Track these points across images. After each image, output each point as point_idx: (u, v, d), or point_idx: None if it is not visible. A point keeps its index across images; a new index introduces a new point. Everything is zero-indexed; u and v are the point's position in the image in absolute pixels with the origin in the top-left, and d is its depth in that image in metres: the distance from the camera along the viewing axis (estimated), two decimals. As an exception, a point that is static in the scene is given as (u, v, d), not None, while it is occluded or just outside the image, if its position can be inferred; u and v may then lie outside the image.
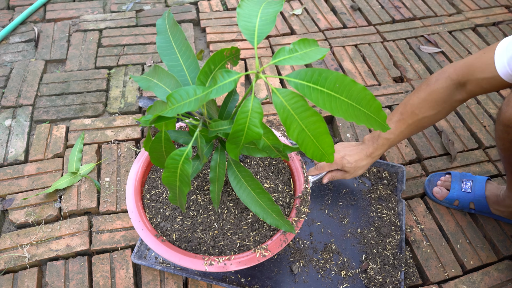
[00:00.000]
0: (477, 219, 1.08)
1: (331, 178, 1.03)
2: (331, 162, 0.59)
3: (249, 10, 0.58)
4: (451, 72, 0.87)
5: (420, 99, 0.91)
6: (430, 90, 0.89)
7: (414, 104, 0.91)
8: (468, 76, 0.84)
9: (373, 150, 0.98)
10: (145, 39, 1.56)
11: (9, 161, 1.14)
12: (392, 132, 0.95)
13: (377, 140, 0.97)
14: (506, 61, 0.76)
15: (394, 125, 0.95)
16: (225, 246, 0.79)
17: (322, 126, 0.55)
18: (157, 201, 0.85)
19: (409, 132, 0.95)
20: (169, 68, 0.68)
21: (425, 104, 0.90)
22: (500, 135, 0.85)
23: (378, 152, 0.98)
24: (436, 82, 0.89)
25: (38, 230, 1.00)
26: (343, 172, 1.01)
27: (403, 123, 0.93)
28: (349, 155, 0.99)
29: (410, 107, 0.92)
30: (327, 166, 1.01)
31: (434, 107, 0.89)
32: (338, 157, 0.99)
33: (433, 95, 0.89)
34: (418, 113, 0.91)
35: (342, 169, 1.00)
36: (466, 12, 1.76)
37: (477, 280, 0.97)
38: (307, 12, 1.74)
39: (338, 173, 1.02)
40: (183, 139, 0.75)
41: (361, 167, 0.99)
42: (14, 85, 1.35)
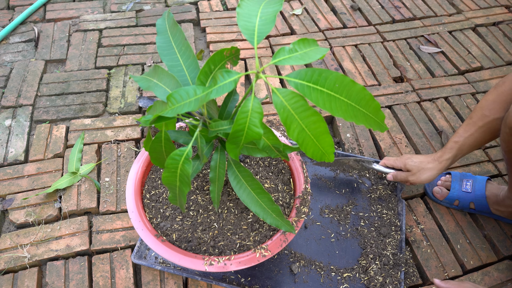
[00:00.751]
0: (477, 219, 1.08)
1: (394, 178, 1.02)
2: (331, 161, 0.59)
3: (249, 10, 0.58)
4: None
5: (489, 101, 0.90)
6: (498, 91, 0.88)
7: (483, 106, 0.90)
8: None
9: (441, 154, 0.96)
10: (145, 39, 1.56)
11: (9, 161, 1.14)
12: (460, 135, 0.94)
13: (446, 145, 0.96)
14: None
15: (463, 128, 0.93)
16: (225, 246, 0.79)
17: (322, 126, 0.55)
18: (157, 201, 0.85)
19: (481, 137, 0.93)
20: (169, 68, 0.68)
21: (494, 105, 0.89)
22: (505, 137, 0.85)
23: (447, 156, 0.95)
24: (504, 84, 0.88)
25: (38, 230, 1.00)
26: (407, 172, 0.99)
27: (473, 125, 0.92)
28: (415, 157, 0.99)
29: (479, 109, 0.91)
30: (392, 160, 1.01)
31: (505, 107, 0.88)
32: (404, 157, 1.00)
33: (502, 96, 0.88)
34: (489, 115, 0.89)
35: (404, 168, 0.98)
36: (466, 12, 1.76)
37: (477, 280, 0.96)
38: (307, 12, 1.74)
39: (402, 173, 1.00)
40: (183, 139, 0.75)
41: (426, 169, 0.96)
42: (14, 85, 1.35)
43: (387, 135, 1.26)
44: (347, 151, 1.21)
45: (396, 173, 1.02)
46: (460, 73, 1.50)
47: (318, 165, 1.14)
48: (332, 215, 1.05)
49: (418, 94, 1.40)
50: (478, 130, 0.92)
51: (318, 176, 1.13)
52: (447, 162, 0.96)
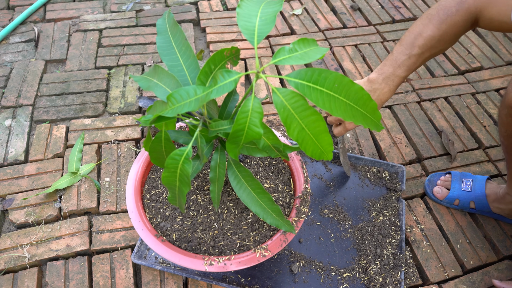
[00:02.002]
0: (477, 219, 1.08)
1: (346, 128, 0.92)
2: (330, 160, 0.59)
3: (249, 10, 0.58)
4: (471, 3, 0.79)
5: (441, 30, 0.81)
6: (451, 21, 0.81)
7: (435, 36, 0.82)
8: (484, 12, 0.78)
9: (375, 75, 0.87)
10: (145, 39, 1.56)
11: (9, 161, 1.14)
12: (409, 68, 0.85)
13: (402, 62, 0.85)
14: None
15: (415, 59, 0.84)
16: (225, 246, 0.79)
17: (321, 125, 0.55)
18: (157, 201, 0.85)
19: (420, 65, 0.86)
20: (169, 68, 0.68)
21: (445, 37, 0.81)
22: (504, 119, 0.82)
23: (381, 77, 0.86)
24: (457, 13, 0.80)
25: (38, 230, 1.00)
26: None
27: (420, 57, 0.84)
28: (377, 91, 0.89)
29: (429, 40, 0.82)
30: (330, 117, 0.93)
31: (452, 40, 0.82)
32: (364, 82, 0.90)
33: (454, 28, 0.81)
34: (437, 46, 0.83)
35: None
36: (466, 12, 1.76)
37: (477, 280, 0.97)
38: (307, 12, 1.74)
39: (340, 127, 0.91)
40: (183, 139, 0.75)
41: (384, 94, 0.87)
42: (14, 85, 1.35)
43: (387, 135, 1.26)
44: (347, 151, 1.21)
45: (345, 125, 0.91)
46: (460, 73, 1.50)
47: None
48: (332, 215, 1.05)
49: (418, 94, 1.40)
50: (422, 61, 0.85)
51: (318, 176, 1.13)
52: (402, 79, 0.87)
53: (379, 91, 0.88)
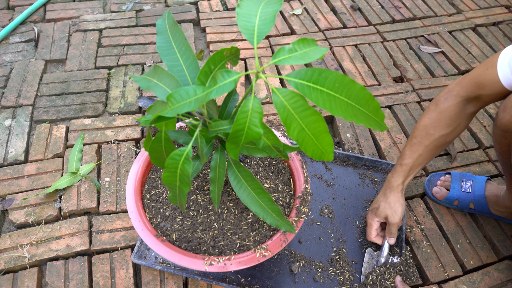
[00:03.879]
0: (477, 219, 1.08)
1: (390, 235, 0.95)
2: (330, 160, 0.59)
3: (249, 10, 0.58)
4: (459, 90, 0.87)
5: (432, 119, 0.89)
6: (440, 109, 0.88)
7: (427, 125, 0.90)
8: (478, 92, 0.84)
9: (392, 180, 0.95)
10: (145, 39, 1.56)
11: (9, 161, 1.14)
12: (408, 156, 0.92)
13: (395, 169, 0.95)
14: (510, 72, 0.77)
15: (409, 149, 0.92)
16: (225, 246, 0.79)
17: (322, 125, 0.55)
18: (157, 201, 0.85)
19: (428, 154, 0.92)
20: (169, 68, 0.68)
21: (438, 123, 0.88)
22: (498, 139, 0.85)
23: (399, 181, 0.94)
24: (446, 101, 0.88)
25: (38, 230, 1.00)
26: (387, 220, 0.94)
27: (419, 145, 0.91)
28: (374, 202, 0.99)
29: (423, 129, 0.90)
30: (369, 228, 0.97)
31: (449, 124, 0.88)
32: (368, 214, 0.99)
33: (445, 113, 0.88)
34: (434, 133, 0.89)
35: (381, 218, 0.95)
36: (466, 12, 1.76)
37: (477, 280, 0.96)
38: (307, 12, 1.74)
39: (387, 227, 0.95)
40: (183, 139, 0.75)
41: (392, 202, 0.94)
42: (14, 85, 1.35)
43: (387, 135, 1.26)
44: (347, 151, 1.21)
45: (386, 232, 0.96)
46: (460, 73, 1.50)
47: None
48: (332, 215, 1.05)
49: (418, 94, 1.40)
50: (425, 148, 0.91)
51: (318, 176, 1.13)
52: (402, 186, 0.95)
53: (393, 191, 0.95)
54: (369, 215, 0.98)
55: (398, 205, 0.94)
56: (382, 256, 0.95)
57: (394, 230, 0.94)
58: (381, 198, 0.97)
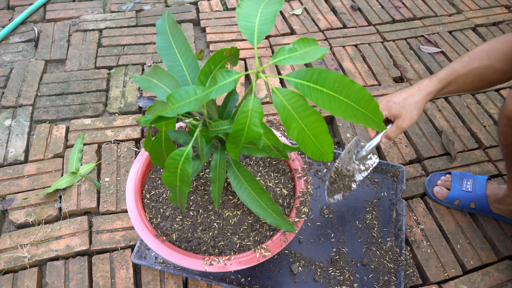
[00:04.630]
0: (477, 219, 1.08)
1: (388, 137, 0.87)
2: (330, 161, 0.59)
3: (249, 10, 0.58)
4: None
5: (491, 46, 0.81)
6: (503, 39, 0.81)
7: (484, 49, 0.82)
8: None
9: (427, 82, 0.84)
10: (145, 39, 1.56)
11: (9, 161, 1.14)
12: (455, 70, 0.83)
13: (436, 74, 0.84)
14: None
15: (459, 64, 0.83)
16: (225, 246, 0.79)
17: (321, 125, 0.55)
18: (157, 201, 0.85)
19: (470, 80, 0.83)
20: (169, 68, 0.68)
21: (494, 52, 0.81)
22: (503, 129, 0.82)
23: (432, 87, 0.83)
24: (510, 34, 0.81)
25: (38, 230, 1.00)
26: (396, 120, 0.84)
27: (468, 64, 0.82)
28: (395, 96, 0.85)
29: (478, 51, 0.82)
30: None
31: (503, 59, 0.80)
32: (383, 102, 0.86)
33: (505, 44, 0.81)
34: (486, 59, 0.81)
35: (391, 116, 0.84)
36: (466, 12, 1.76)
37: (477, 280, 0.96)
38: (307, 12, 1.74)
39: (392, 128, 0.85)
40: (183, 139, 0.75)
41: (413, 105, 0.82)
42: (14, 85, 1.35)
43: (387, 135, 1.26)
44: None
45: (387, 132, 0.87)
46: (460, 73, 1.50)
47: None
48: (332, 215, 1.05)
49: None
50: (470, 72, 0.83)
51: (318, 176, 1.13)
52: (432, 95, 0.85)
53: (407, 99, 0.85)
54: (383, 104, 0.87)
55: (416, 112, 0.84)
56: (365, 149, 0.87)
57: (397, 134, 0.86)
58: (405, 94, 0.85)
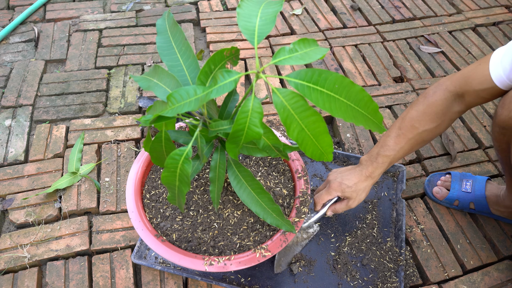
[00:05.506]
0: (477, 219, 1.08)
1: (335, 211, 0.94)
2: (330, 161, 0.59)
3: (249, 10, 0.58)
4: (448, 84, 0.86)
5: (419, 112, 0.88)
6: (428, 102, 0.87)
7: (413, 117, 0.88)
8: (465, 87, 0.83)
9: (372, 170, 0.92)
10: (145, 39, 1.56)
11: (9, 161, 1.14)
12: (392, 149, 0.90)
13: (376, 159, 0.91)
14: (502, 70, 0.77)
15: (393, 141, 0.90)
16: (225, 246, 0.79)
17: (321, 126, 0.55)
18: (157, 201, 0.85)
19: (409, 148, 0.91)
20: (169, 68, 0.68)
21: (424, 117, 0.88)
22: (496, 136, 0.85)
23: (378, 171, 0.92)
24: (434, 95, 0.87)
25: (38, 230, 1.00)
26: (346, 200, 0.92)
27: (403, 138, 0.90)
28: (347, 179, 0.92)
29: (409, 121, 0.89)
30: (325, 195, 0.93)
31: (434, 119, 0.87)
32: (335, 184, 0.92)
33: (432, 107, 0.87)
34: (418, 127, 0.88)
35: (343, 196, 0.92)
36: (466, 12, 1.76)
37: (477, 280, 0.97)
38: (307, 12, 1.74)
39: (341, 204, 0.93)
40: (183, 139, 0.75)
41: (362, 189, 0.92)
42: (14, 85, 1.35)
43: (387, 135, 1.26)
44: (347, 151, 1.21)
45: (335, 207, 0.94)
46: (460, 73, 1.50)
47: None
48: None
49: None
50: (408, 142, 0.90)
51: (318, 176, 1.13)
52: (379, 177, 0.94)
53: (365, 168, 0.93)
54: (335, 185, 0.92)
55: (364, 194, 0.93)
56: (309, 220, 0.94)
57: (344, 210, 0.93)
58: (355, 179, 0.92)
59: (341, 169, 0.97)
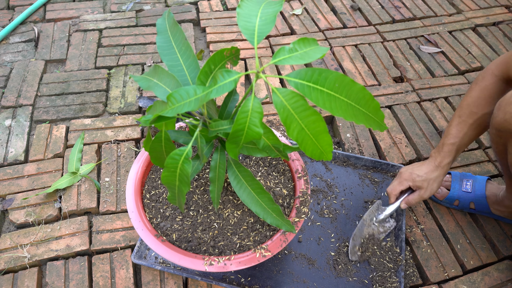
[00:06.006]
0: (477, 219, 1.08)
1: (409, 203, 0.97)
2: (329, 160, 0.59)
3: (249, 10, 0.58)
4: (494, 68, 0.89)
5: (473, 98, 0.90)
6: (480, 87, 0.90)
7: (470, 103, 0.91)
8: (509, 73, 0.85)
9: (441, 159, 0.94)
10: (145, 39, 1.56)
11: (9, 161, 1.14)
12: (455, 136, 0.92)
13: (442, 149, 0.94)
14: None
15: (455, 129, 0.92)
16: (225, 246, 0.79)
17: (321, 125, 0.55)
18: (157, 201, 0.85)
19: (474, 133, 0.93)
20: (169, 68, 0.68)
21: (480, 101, 0.90)
22: (493, 138, 0.86)
23: (447, 160, 0.94)
24: (484, 80, 0.90)
25: (38, 230, 1.00)
26: (418, 190, 0.95)
27: (464, 124, 0.92)
28: (418, 169, 0.96)
29: (466, 107, 0.91)
30: (397, 185, 0.97)
31: (491, 102, 0.89)
32: (406, 174, 0.96)
33: (485, 91, 0.89)
34: (477, 111, 0.90)
35: (414, 186, 0.95)
36: (466, 12, 1.76)
37: (477, 280, 0.96)
38: (307, 12, 1.74)
39: (414, 195, 0.96)
40: (183, 139, 0.75)
41: (433, 179, 0.94)
42: (14, 85, 1.35)
43: (387, 135, 1.26)
44: (347, 151, 1.21)
45: (408, 198, 0.97)
46: (460, 73, 1.50)
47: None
48: (332, 215, 1.05)
49: (418, 94, 1.40)
50: (470, 127, 0.92)
51: (318, 176, 1.13)
52: (449, 166, 0.95)
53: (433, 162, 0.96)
54: (406, 175, 0.97)
55: (436, 185, 0.95)
56: (384, 213, 0.97)
57: (418, 202, 0.96)
58: (425, 169, 0.95)
59: (411, 164, 1.00)
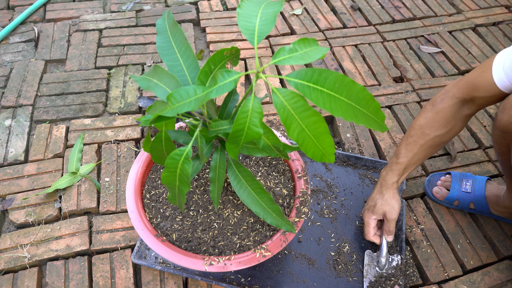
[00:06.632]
0: (477, 219, 1.08)
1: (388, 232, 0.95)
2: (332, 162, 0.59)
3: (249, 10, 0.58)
4: (455, 91, 0.88)
5: (428, 119, 0.90)
6: (436, 109, 0.89)
7: (423, 124, 0.91)
8: (473, 94, 0.85)
9: (388, 178, 0.96)
10: (145, 39, 1.56)
11: (9, 161, 1.14)
12: (404, 155, 0.93)
13: (391, 168, 0.95)
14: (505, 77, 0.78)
15: (404, 148, 0.93)
16: (225, 246, 0.79)
17: (322, 126, 0.55)
18: (157, 201, 0.85)
19: (423, 154, 0.93)
20: (169, 68, 0.68)
21: (434, 123, 0.89)
22: (497, 139, 0.86)
23: (394, 179, 0.95)
24: (442, 102, 0.89)
25: (38, 230, 1.00)
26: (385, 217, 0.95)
27: (414, 144, 0.92)
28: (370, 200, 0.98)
29: (418, 128, 0.91)
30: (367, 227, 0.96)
31: (445, 125, 0.89)
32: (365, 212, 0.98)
33: (441, 114, 0.89)
34: (429, 133, 0.90)
35: (379, 215, 0.95)
36: (466, 12, 1.76)
37: (477, 280, 0.96)
38: (307, 12, 1.74)
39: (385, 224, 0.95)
40: (183, 139, 0.75)
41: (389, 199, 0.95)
42: (14, 85, 1.35)
43: (387, 135, 1.26)
44: (347, 151, 1.21)
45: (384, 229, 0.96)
46: (460, 73, 1.50)
47: None
48: (332, 215, 1.05)
49: (418, 94, 1.40)
50: (420, 148, 0.92)
51: (318, 176, 1.13)
52: (397, 184, 0.96)
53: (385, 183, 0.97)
54: (366, 214, 0.98)
55: (395, 201, 0.95)
56: (381, 256, 0.95)
57: (392, 227, 0.95)
58: (377, 195, 0.97)
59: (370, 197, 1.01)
